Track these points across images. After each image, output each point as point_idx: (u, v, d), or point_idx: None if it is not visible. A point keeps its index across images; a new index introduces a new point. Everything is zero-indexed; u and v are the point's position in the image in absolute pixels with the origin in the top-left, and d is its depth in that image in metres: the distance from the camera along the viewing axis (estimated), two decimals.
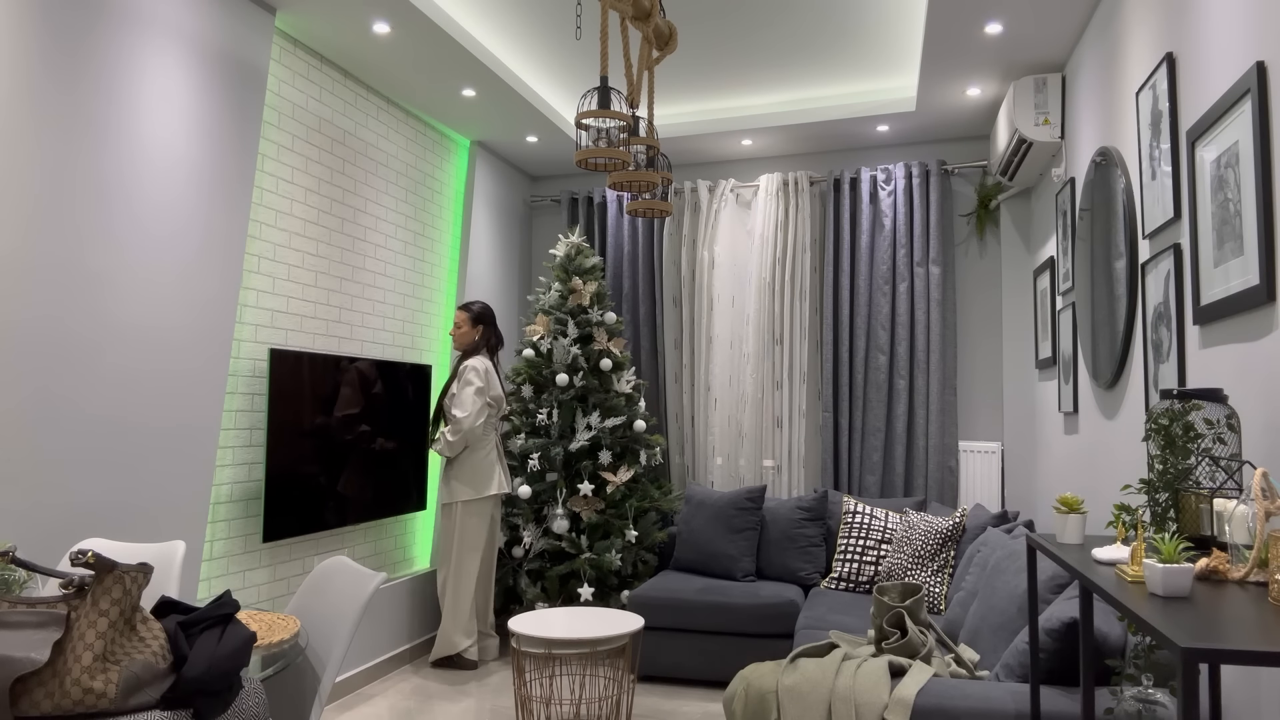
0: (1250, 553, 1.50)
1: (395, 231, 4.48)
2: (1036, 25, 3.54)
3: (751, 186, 5.35)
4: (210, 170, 3.13)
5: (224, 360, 3.17)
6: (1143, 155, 2.75)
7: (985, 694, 2.21)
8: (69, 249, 2.58)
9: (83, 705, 1.40)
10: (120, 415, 2.75)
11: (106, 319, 2.71)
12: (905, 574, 3.93)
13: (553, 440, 4.63)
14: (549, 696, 3.45)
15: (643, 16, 2.98)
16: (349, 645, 2.04)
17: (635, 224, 5.51)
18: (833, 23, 4.02)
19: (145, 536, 2.84)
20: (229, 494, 3.36)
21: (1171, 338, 2.50)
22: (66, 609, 1.45)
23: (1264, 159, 1.89)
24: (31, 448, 2.46)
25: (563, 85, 4.73)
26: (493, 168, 5.33)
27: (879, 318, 5.00)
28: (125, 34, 2.79)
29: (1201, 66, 2.30)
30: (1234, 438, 1.77)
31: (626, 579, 4.64)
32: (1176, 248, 2.45)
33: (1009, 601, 2.66)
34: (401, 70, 4.07)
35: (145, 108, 2.86)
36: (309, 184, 3.82)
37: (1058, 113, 3.87)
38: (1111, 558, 1.72)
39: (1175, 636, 1.15)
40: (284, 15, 3.51)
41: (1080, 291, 3.52)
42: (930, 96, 4.40)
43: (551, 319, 4.79)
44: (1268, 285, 1.88)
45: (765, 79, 4.67)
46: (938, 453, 4.86)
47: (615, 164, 2.94)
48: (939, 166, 4.95)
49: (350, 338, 4.10)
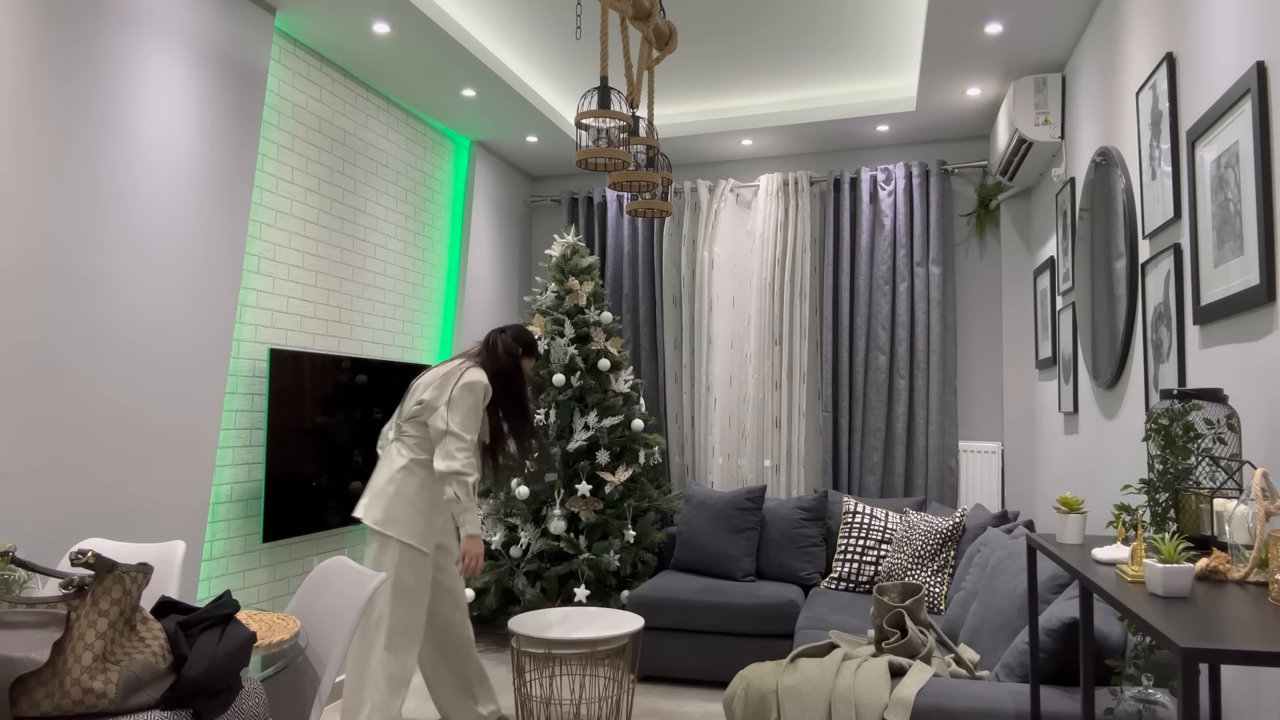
0: (1250, 553, 1.50)
1: (395, 231, 4.48)
2: (1036, 25, 3.54)
3: (751, 186, 5.35)
4: (210, 170, 3.13)
5: (224, 360, 3.17)
6: (1143, 155, 2.75)
7: (985, 694, 2.21)
8: (69, 249, 2.58)
9: (83, 705, 1.40)
10: (120, 415, 2.75)
11: (106, 319, 2.71)
12: (905, 574, 3.93)
13: (550, 440, 4.63)
14: (549, 696, 3.45)
15: (643, 16, 2.98)
16: (349, 645, 2.04)
17: (635, 224, 5.51)
18: (833, 23, 4.02)
19: (145, 536, 2.84)
20: (229, 494, 3.35)
21: (1171, 338, 2.50)
22: (66, 609, 1.45)
23: (1264, 159, 1.89)
24: (31, 448, 2.46)
25: (563, 85, 4.73)
26: (493, 168, 5.33)
27: (879, 318, 5.00)
28: (125, 34, 2.79)
29: (1201, 66, 2.30)
30: (1234, 438, 1.77)
31: (625, 579, 4.64)
32: (1176, 248, 2.45)
33: (1009, 601, 2.66)
34: (401, 70, 4.07)
35: (145, 108, 2.86)
36: (309, 184, 3.82)
37: (1058, 113, 3.87)
38: (1111, 558, 1.72)
39: (1175, 636, 1.15)
40: (284, 15, 3.51)
41: (1080, 291, 3.52)
42: (930, 96, 4.40)
43: (548, 319, 4.79)
44: (1268, 285, 1.88)
45: (765, 79, 4.67)
46: (938, 453, 4.86)
47: (615, 164, 2.94)
48: (939, 166, 4.95)
49: (350, 338, 4.10)
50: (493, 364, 3.08)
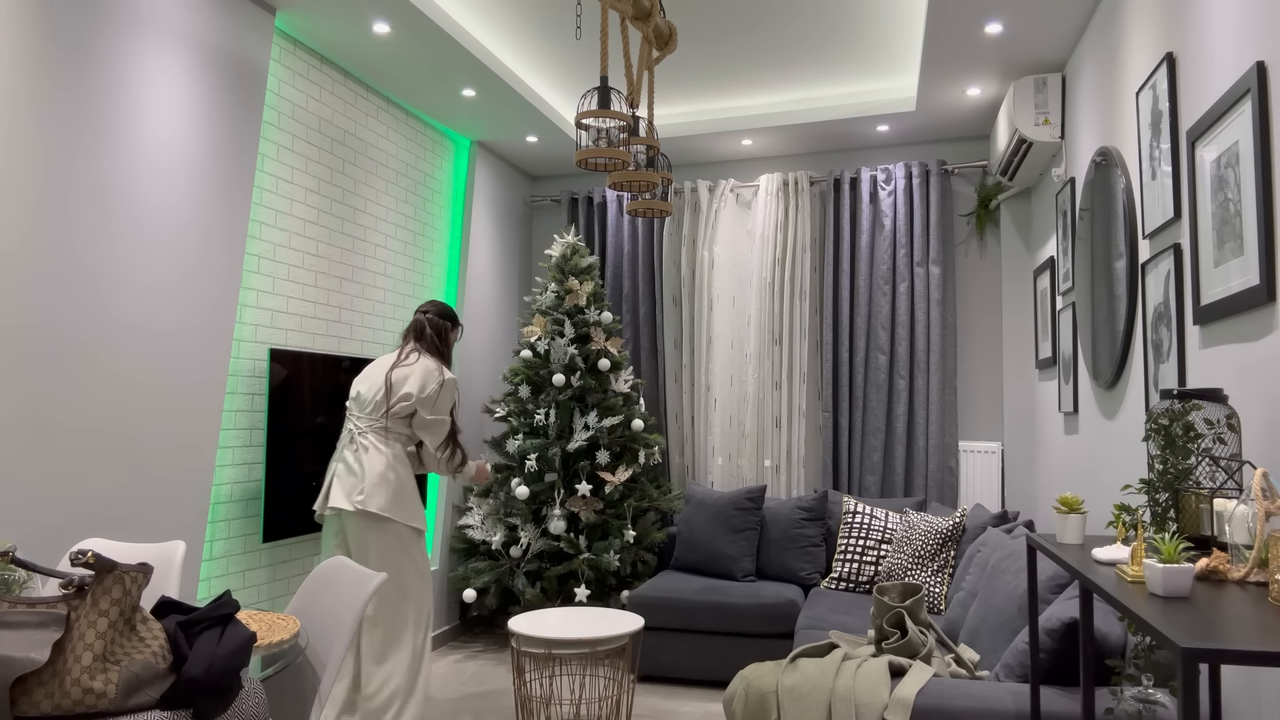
0: (1250, 553, 1.50)
1: (395, 231, 4.48)
2: (1036, 25, 3.54)
3: (751, 186, 5.35)
4: (210, 170, 3.13)
5: (224, 360, 3.17)
6: (1143, 155, 2.75)
7: (985, 694, 2.21)
8: (69, 249, 2.58)
9: (82, 705, 1.40)
10: (120, 415, 2.75)
11: (106, 319, 2.71)
12: (905, 574, 3.93)
13: (550, 440, 4.62)
14: (549, 696, 3.45)
15: (643, 16, 2.98)
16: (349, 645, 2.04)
17: (635, 224, 5.51)
18: (833, 22, 4.02)
19: (145, 536, 2.84)
20: (229, 494, 3.35)
21: (1171, 338, 2.50)
22: (66, 609, 1.45)
23: (1264, 159, 1.89)
24: (32, 448, 2.46)
25: (563, 85, 4.73)
26: (493, 168, 5.33)
27: (879, 318, 5.00)
28: (125, 34, 2.79)
29: (1201, 66, 2.30)
30: (1234, 438, 1.77)
31: (625, 579, 4.64)
32: (1176, 248, 2.45)
33: (1009, 601, 2.66)
34: (401, 70, 4.07)
35: (145, 108, 2.86)
36: (309, 184, 3.82)
37: (1058, 113, 3.86)
38: (1111, 558, 1.72)
39: (1175, 636, 1.15)
40: (284, 15, 3.51)
41: (1080, 291, 3.52)
42: (930, 96, 4.40)
43: (548, 319, 4.79)
44: (1268, 285, 1.88)
45: (765, 79, 4.67)
46: (938, 453, 4.86)
47: (615, 164, 2.94)
48: (939, 166, 4.95)
49: (350, 338, 4.10)
50: (441, 348, 3.39)
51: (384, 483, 3.08)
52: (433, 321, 3.38)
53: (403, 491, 3.11)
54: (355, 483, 3.08)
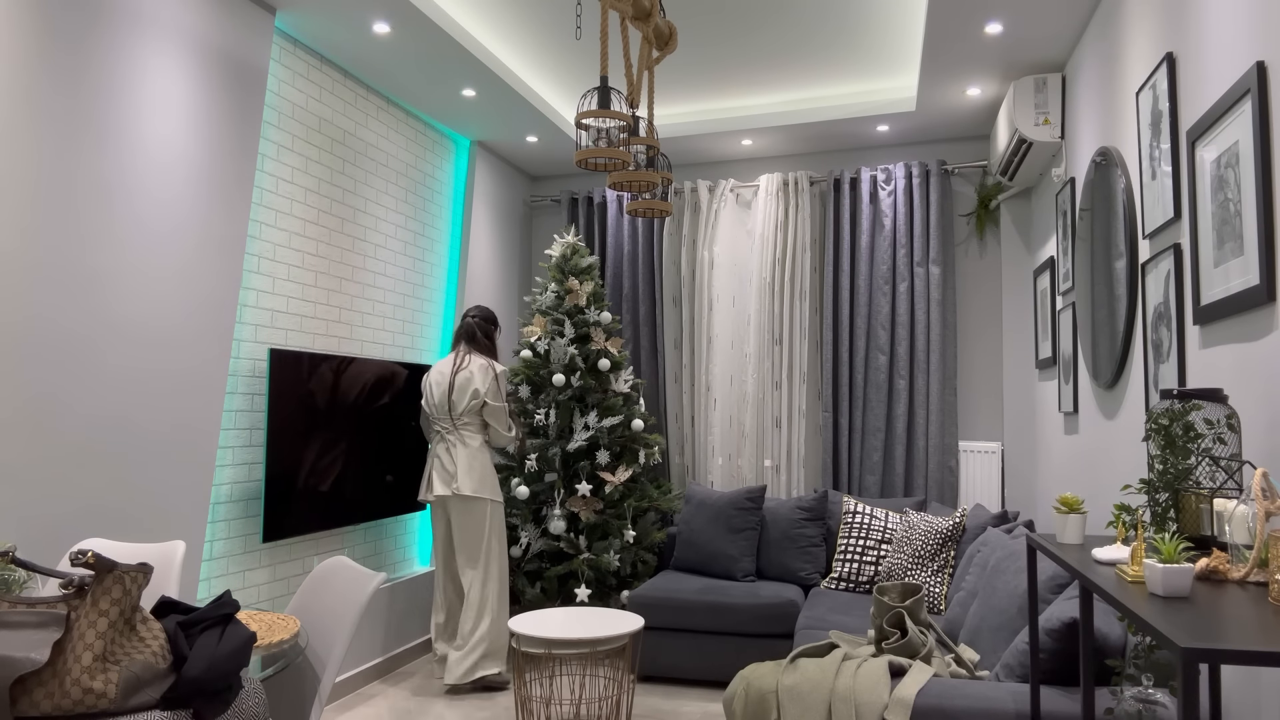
0: (1250, 553, 1.50)
1: (395, 231, 4.48)
2: (1036, 25, 3.54)
3: (751, 186, 5.35)
4: (210, 170, 3.13)
5: (224, 360, 3.17)
6: (1143, 155, 2.75)
7: (985, 694, 2.21)
8: (70, 248, 2.58)
9: (83, 705, 1.40)
10: (120, 415, 2.75)
11: (107, 319, 2.71)
12: (905, 574, 3.93)
13: (550, 440, 4.62)
14: (549, 696, 3.45)
15: (643, 16, 2.98)
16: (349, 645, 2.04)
17: (635, 224, 5.51)
18: (833, 23, 4.02)
19: (145, 536, 2.84)
20: (229, 494, 3.35)
21: (1171, 338, 2.50)
22: (66, 609, 1.45)
23: (1264, 159, 1.89)
24: (31, 447, 2.46)
25: (563, 85, 4.73)
26: (493, 168, 5.33)
27: (879, 318, 5.00)
28: (125, 34, 2.79)
29: (1201, 66, 2.30)
30: (1234, 438, 1.77)
31: (625, 579, 4.64)
32: (1176, 248, 2.45)
33: (1009, 601, 2.66)
34: (401, 70, 4.07)
35: (145, 107, 2.86)
36: (309, 184, 3.82)
37: (1058, 113, 3.87)
38: (1111, 558, 1.72)
39: (1175, 636, 1.15)
40: (284, 15, 3.51)
41: (1080, 291, 3.52)
42: (930, 96, 4.40)
43: (548, 319, 4.79)
44: (1268, 285, 1.88)
45: (765, 79, 4.67)
46: (938, 453, 4.86)
47: (615, 164, 2.94)
48: (939, 166, 4.95)
49: (350, 338, 4.10)
50: (489, 345, 4.29)
51: (470, 471, 4.03)
52: (480, 325, 4.26)
53: (485, 476, 4.08)
54: (449, 474, 4.05)
